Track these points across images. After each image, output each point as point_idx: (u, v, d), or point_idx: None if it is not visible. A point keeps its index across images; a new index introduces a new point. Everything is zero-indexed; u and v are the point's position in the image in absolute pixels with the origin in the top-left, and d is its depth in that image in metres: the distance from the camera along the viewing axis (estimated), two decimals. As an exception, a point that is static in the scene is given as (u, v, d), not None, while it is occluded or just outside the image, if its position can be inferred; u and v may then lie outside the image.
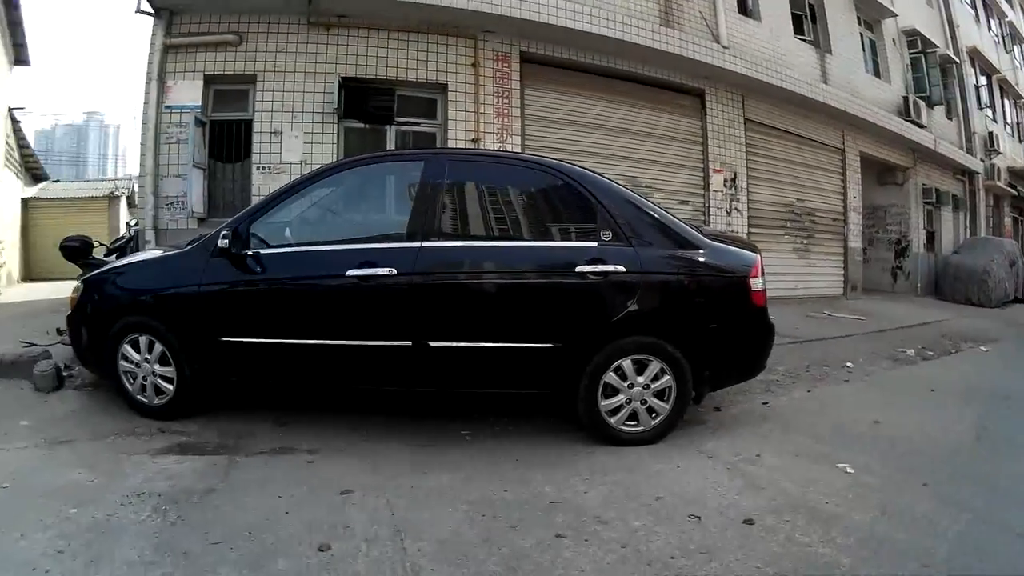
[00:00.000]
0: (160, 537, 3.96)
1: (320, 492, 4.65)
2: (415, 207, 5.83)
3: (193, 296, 5.81)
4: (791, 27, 17.05)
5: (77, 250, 9.89)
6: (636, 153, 13.76)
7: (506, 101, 12.26)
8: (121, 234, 15.64)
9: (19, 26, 17.80)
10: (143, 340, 5.94)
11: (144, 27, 11.25)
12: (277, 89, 11.34)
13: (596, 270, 5.47)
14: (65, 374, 7.01)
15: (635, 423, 5.64)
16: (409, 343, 5.53)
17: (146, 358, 5.94)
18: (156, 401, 6.03)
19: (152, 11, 11.09)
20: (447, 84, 11.96)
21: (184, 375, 5.88)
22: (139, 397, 6.06)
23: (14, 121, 19.55)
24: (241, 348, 5.76)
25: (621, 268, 5.48)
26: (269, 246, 5.86)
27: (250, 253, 5.76)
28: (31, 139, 23.46)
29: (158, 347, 5.90)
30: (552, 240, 5.84)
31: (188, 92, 11.24)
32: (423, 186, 5.82)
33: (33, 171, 24.00)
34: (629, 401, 5.58)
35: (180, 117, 11.15)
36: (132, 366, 6.00)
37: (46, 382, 6.73)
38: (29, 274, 21.39)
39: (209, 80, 11.40)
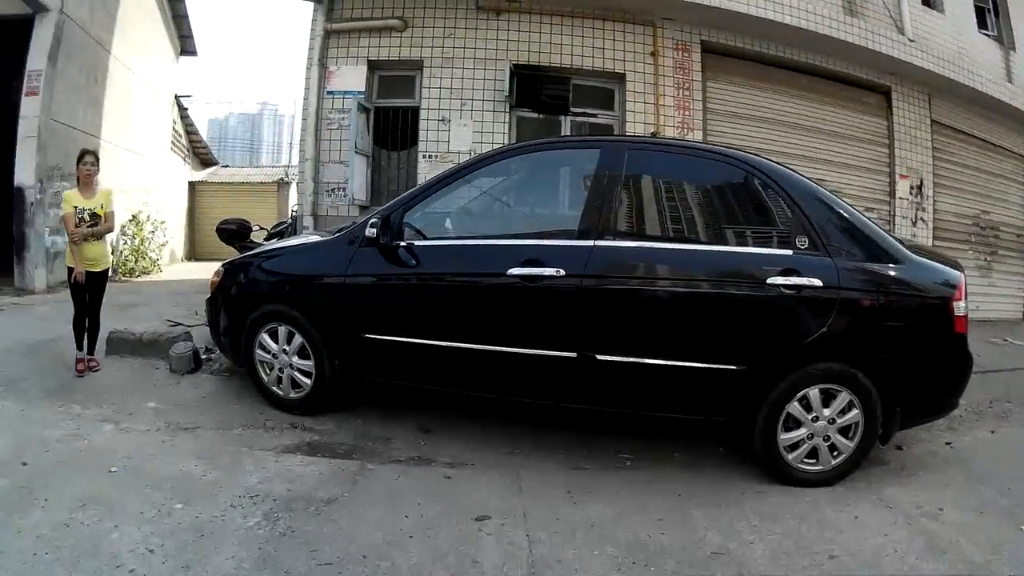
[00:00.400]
0: (264, 549, 3.62)
1: (453, 515, 4.16)
2: (589, 200, 5.12)
3: (337, 287, 5.39)
4: (975, 20, 15.31)
5: (234, 232, 9.90)
6: (821, 154, 12.57)
7: (687, 93, 11.33)
8: (283, 219, 15.70)
9: (184, 19, 18.81)
10: (282, 330, 5.58)
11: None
12: (445, 76, 10.90)
13: (790, 283, 4.63)
14: (204, 357, 6.80)
15: (814, 461, 4.84)
16: (574, 355, 4.86)
17: (284, 349, 5.59)
18: (292, 395, 5.68)
19: (311, -4, 10.96)
20: (625, 74, 11.13)
21: (323, 370, 5.49)
22: (274, 389, 5.74)
23: (181, 108, 20.77)
24: (385, 347, 5.29)
25: (817, 282, 4.62)
26: (424, 237, 5.35)
27: (402, 244, 5.25)
28: (204, 127, 24.59)
29: (297, 339, 5.53)
30: (740, 245, 5.04)
31: (350, 78, 10.99)
32: (598, 177, 5.11)
33: (201, 156, 24.98)
34: (811, 436, 4.76)
35: (342, 103, 10.89)
36: (269, 356, 5.66)
37: (181, 364, 6.52)
38: (194, 254, 22.23)
39: (373, 66, 11.13)
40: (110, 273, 6.79)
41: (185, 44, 19.47)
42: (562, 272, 4.78)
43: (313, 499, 4.18)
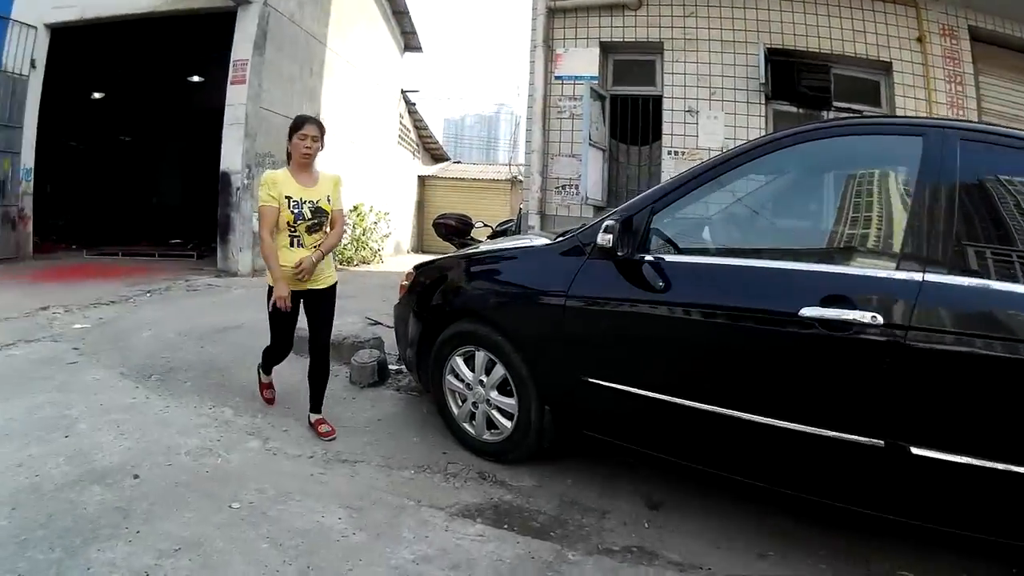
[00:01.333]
0: None
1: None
2: (913, 212, 3.40)
3: (554, 311, 4.06)
4: None
5: (452, 228, 9.36)
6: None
7: (959, 88, 9.48)
8: (510, 217, 15.06)
9: (404, 15, 19.44)
10: (480, 356, 4.47)
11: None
12: (689, 60, 9.73)
13: None
14: (393, 368, 5.96)
15: None
16: (880, 443, 3.23)
17: (480, 380, 4.48)
18: (486, 436, 4.55)
19: (530, -30, 10.16)
20: (891, 63, 9.51)
21: (528, 415, 4.28)
22: (464, 425, 4.64)
23: (408, 103, 21.79)
24: (613, 397, 3.90)
25: None
26: (677, 250, 3.95)
27: (649, 259, 3.83)
28: (440, 126, 25.73)
29: (499, 370, 4.38)
30: None
31: (581, 60, 10.07)
32: (924, 177, 3.40)
33: (432, 151, 25.93)
34: None
35: (572, 89, 10.00)
36: (461, 386, 4.58)
37: (362, 375, 5.70)
38: (421, 246, 23.00)
39: (606, 48, 10.16)
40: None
41: (409, 40, 20.18)
42: (880, 319, 3.18)
43: (476, 600, 2.93)
